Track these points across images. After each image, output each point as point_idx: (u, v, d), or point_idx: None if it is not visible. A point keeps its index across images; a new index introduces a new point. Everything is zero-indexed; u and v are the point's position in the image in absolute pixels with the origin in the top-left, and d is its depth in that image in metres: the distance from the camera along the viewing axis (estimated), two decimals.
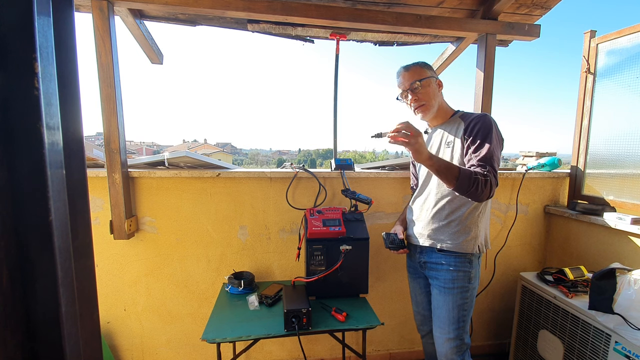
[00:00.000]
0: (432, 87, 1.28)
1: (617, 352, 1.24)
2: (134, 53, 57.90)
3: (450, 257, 1.25)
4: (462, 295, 1.25)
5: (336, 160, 1.80)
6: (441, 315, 1.28)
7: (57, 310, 0.31)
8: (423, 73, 1.28)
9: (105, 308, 1.68)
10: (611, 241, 1.65)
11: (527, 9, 1.69)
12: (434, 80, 1.30)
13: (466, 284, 1.25)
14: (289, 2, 1.52)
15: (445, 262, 1.27)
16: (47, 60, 0.30)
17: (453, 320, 1.25)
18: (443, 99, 1.34)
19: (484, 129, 1.17)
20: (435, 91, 1.30)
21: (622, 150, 1.68)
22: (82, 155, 0.37)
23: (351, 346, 1.61)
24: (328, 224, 1.46)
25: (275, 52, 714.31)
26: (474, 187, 1.06)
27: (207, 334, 1.21)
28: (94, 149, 1.70)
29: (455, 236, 1.24)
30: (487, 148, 1.13)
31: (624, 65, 1.67)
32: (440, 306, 1.29)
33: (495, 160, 1.13)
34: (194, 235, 1.70)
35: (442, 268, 1.27)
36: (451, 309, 1.25)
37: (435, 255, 1.29)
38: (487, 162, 1.12)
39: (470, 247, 1.23)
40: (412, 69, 1.29)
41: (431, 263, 1.31)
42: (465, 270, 1.24)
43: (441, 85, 1.32)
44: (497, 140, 1.17)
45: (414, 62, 1.33)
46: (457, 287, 1.25)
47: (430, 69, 1.31)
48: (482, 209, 1.26)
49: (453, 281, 1.25)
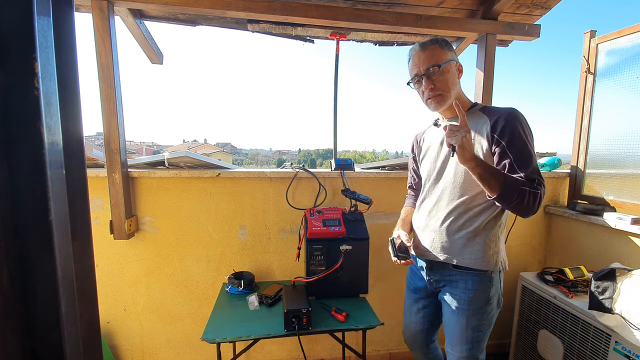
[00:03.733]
0: (452, 73, 1.05)
1: (617, 352, 1.24)
2: (134, 53, 58.00)
3: (468, 275, 1.08)
4: (477, 317, 1.08)
5: (336, 160, 1.80)
6: (454, 333, 1.12)
7: (57, 310, 0.31)
8: (443, 56, 1.04)
9: (105, 308, 1.68)
10: (611, 241, 1.65)
11: (527, 9, 1.69)
12: (454, 65, 1.06)
13: (483, 305, 1.07)
14: (289, 2, 1.52)
15: (461, 279, 1.09)
16: (47, 60, 0.30)
17: (467, 340, 1.10)
18: (460, 87, 1.11)
19: (522, 131, 0.98)
20: (455, 78, 1.07)
21: (622, 150, 1.68)
22: (82, 155, 0.37)
23: (351, 346, 1.61)
24: (328, 224, 1.46)
25: (275, 52, 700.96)
26: (518, 199, 0.91)
27: (207, 334, 1.21)
28: (94, 149, 1.70)
29: (474, 250, 1.06)
30: (531, 156, 0.97)
31: (624, 65, 1.67)
32: (453, 324, 1.12)
33: (537, 166, 0.98)
34: (194, 235, 1.70)
35: (457, 287, 1.10)
36: (464, 329, 1.09)
37: (449, 271, 1.11)
38: (536, 173, 0.97)
39: (491, 263, 1.06)
40: (430, 48, 1.04)
41: (444, 281, 1.14)
42: (482, 289, 1.07)
43: (461, 71, 1.09)
44: (533, 142, 1.01)
45: (432, 38, 1.08)
46: (473, 309, 1.08)
47: (450, 49, 1.07)
48: (504, 219, 1.08)
49: (469, 302, 1.08)
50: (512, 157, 0.97)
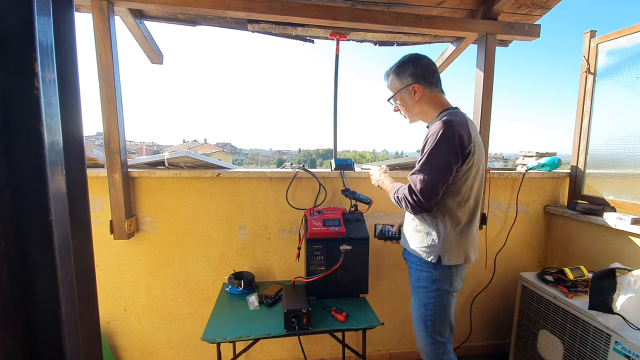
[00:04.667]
0: (405, 99, 1.26)
1: (617, 352, 1.24)
2: (134, 53, 57.91)
3: (416, 256, 1.27)
4: (426, 295, 1.25)
5: (336, 160, 1.80)
6: (413, 312, 1.33)
7: (57, 310, 0.31)
8: (395, 87, 1.26)
9: (105, 308, 1.68)
10: (611, 241, 1.65)
11: (527, 9, 1.69)
12: (405, 91, 1.24)
13: (430, 284, 1.24)
14: (289, 2, 1.52)
15: (413, 260, 1.29)
16: (47, 60, 0.30)
17: (420, 319, 1.28)
18: (427, 100, 1.23)
19: (430, 140, 1.12)
20: (409, 102, 1.25)
21: (622, 150, 1.68)
22: (82, 155, 0.37)
23: (351, 346, 1.61)
24: (328, 224, 1.46)
25: (275, 52, 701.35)
26: (400, 206, 1.21)
27: (207, 334, 1.21)
28: (94, 149, 1.70)
29: (415, 240, 1.27)
30: (422, 163, 1.13)
31: (624, 65, 1.67)
32: (412, 303, 1.34)
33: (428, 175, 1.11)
34: (194, 235, 1.70)
35: (411, 267, 1.31)
36: (418, 306, 1.29)
37: (407, 252, 1.34)
38: (415, 175, 1.15)
39: (429, 255, 1.21)
40: (389, 78, 1.29)
41: (406, 260, 1.36)
42: (428, 270, 1.24)
43: (418, 91, 1.21)
44: (441, 154, 1.10)
45: (389, 68, 1.28)
46: (422, 287, 1.27)
47: (401, 77, 1.24)
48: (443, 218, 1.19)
49: (418, 280, 1.27)
50: (418, 161, 1.17)
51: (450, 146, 1.09)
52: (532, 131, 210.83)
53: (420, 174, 1.13)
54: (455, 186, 1.16)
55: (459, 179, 1.15)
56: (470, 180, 1.17)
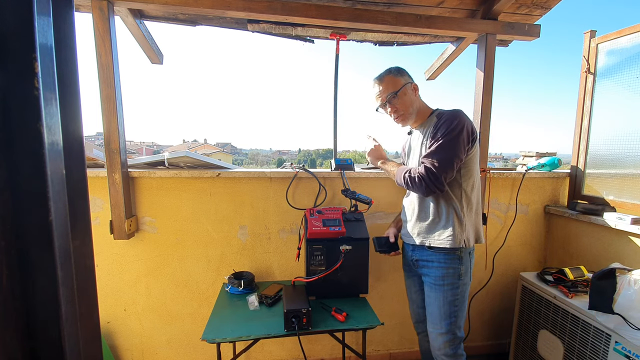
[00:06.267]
0: (408, 95, 1.28)
1: (617, 352, 1.24)
2: (134, 53, 58.07)
3: (440, 254, 1.27)
4: (452, 292, 1.27)
5: (336, 160, 1.80)
6: (433, 311, 1.31)
7: (57, 310, 0.31)
8: (397, 83, 1.28)
9: (105, 308, 1.68)
10: (611, 241, 1.65)
11: (527, 9, 1.69)
12: (409, 87, 1.29)
13: (456, 280, 1.27)
14: (289, 2, 1.52)
15: (435, 259, 1.28)
16: (47, 60, 0.30)
17: (445, 316, 1.28)
18: (420, 100, 1.33)
19: (445, 126, 1.18)
20: (412, 98, 1.29)
21: (622, 150, 1.68)
22: (82, 155, 0.37)
23: (351, 346, 1.61)
24: (328, 224, 1.46)
25: (275, 52, 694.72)
26: (408, 185, 1.22)
27: (207, 334, 1.21)
28: (94, 149, 1.70)
29: (440, 233, 1.26)
30: (436, 144, 1.18)
31: (624, 65, 1.67)
32: (432, 302, 1.31)
33: (443, 155, 1.16)
34: (194, 235, 1.70)
35: (432, 265, 1.30)
36: (442, 305, 1.28)
37: (426, 252, 1.31)
38: (429, 156, 1.18)
39: (456, 242, 1.23)
40: (386, 79, 1.29)
41: (422, 261, 1.33)
42: (454, 267, 1.26)
43: (417, 89, 1.31)
44: (456, 136, 1.17)
45: (386, 70, 1.32)
46: (447, 284, 1.27)
47: (402, 74, 1.30)
48: (461, 202, 1.25)
49: (443, 278, 1.27)
50: (429, 146, 1.21)
51: (464, 128, 1.18)
52: (532, 131, 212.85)
53: (437, 153, 1.17)
54: (466, 170, 1.24)
55: (469, 160, 1.24)
56: (475, 164, 1.28)
